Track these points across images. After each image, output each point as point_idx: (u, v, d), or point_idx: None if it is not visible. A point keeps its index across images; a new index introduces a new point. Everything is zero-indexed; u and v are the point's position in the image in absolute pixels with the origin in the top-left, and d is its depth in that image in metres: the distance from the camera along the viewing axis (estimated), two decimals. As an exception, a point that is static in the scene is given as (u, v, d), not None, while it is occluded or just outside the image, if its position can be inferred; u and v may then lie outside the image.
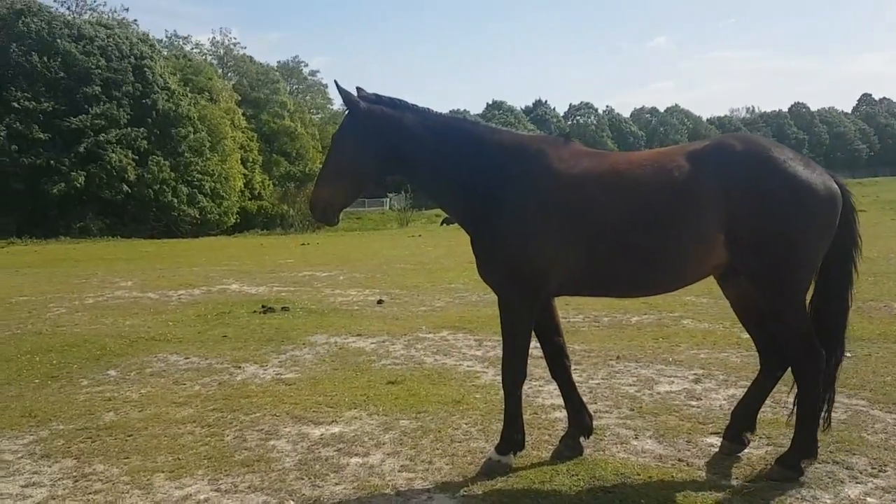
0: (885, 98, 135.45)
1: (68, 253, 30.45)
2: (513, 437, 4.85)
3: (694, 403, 6.23)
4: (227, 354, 8.76)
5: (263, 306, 12.08)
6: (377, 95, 4.88)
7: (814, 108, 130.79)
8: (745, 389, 6.56)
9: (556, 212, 4.52)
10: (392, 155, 4.81)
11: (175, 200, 50.00)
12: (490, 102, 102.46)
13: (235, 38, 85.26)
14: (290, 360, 8.44)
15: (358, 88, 4.87)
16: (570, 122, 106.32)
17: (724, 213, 4.35)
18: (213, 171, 53.30)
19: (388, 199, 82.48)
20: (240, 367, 8.10)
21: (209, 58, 70.59)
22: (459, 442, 5.41)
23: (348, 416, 6.14)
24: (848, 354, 7.65)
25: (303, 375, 7.65)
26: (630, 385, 6.86)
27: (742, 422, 5.02)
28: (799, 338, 4.48)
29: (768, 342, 4.95)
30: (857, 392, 6.35)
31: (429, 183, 4.97)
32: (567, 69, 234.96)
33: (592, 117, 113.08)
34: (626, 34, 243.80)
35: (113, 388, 7.37)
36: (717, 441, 5.24)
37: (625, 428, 5.62)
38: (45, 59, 46.37)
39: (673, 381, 6.95)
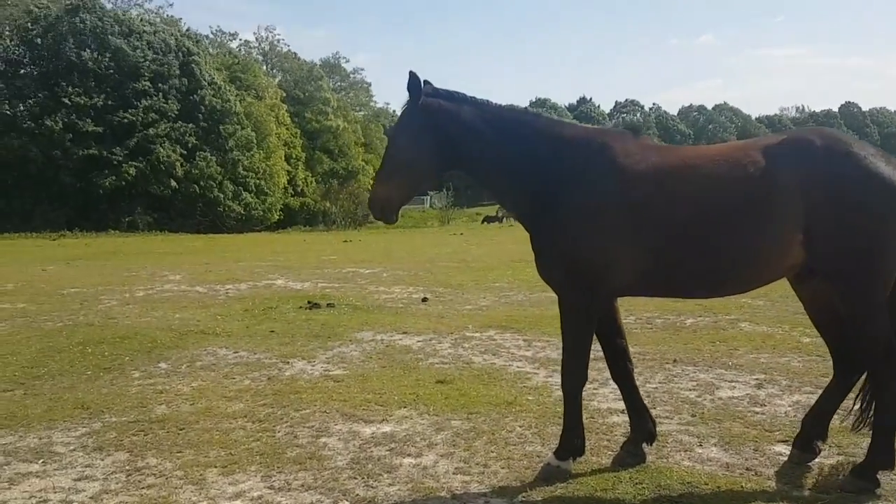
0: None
1: (118, 246, 31.04)
2: (572, 441, 4.68)
3: (758, 410, 5.99)
4: (275, 349, 8.74)
5: (309, 302, 12.07)
6: (434, 88, 4.74)
7: (865, 107, 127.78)
8: (811, 395, 6.36)
9: (620, 208, 4.33)
10: (450, 150, 4.67)
11: (221, 196, 50.70)
12: (534, 99, 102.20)
13: (279, 35, 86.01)
14: (338, 356, 8.38)
15: (425, 82, 4.71)
16: (615, 120, 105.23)
17: (802, 211, 4.14)
18: (257, 167, 53.93)
19: (429, 198, 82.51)
20: (288, 363, 8.06)
21: (254, 53, 71.43)
22: (514, 445, 5.26)
23: (399, 415, 6.04)
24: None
25: (351, 372, 7.58)
26: (689, 390, 6.63)
27: (813, 429, 4.79)
28: (879, 342, 4.24)
29: (844, 346, 4.70)
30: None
31: (488, 178, 4.81)
32: (612, 66, 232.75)
33: (639, 115, 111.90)
34: (673, 31, 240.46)
35: (164, 381, 7.37)
36: (785, 449, 5.01)
37: (687, 434, 5.41)
38: (97, 54, 47.36)
39: (734, 387, 6.70)
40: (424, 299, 12.70)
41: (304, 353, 8.54)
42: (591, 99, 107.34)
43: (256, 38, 74.06)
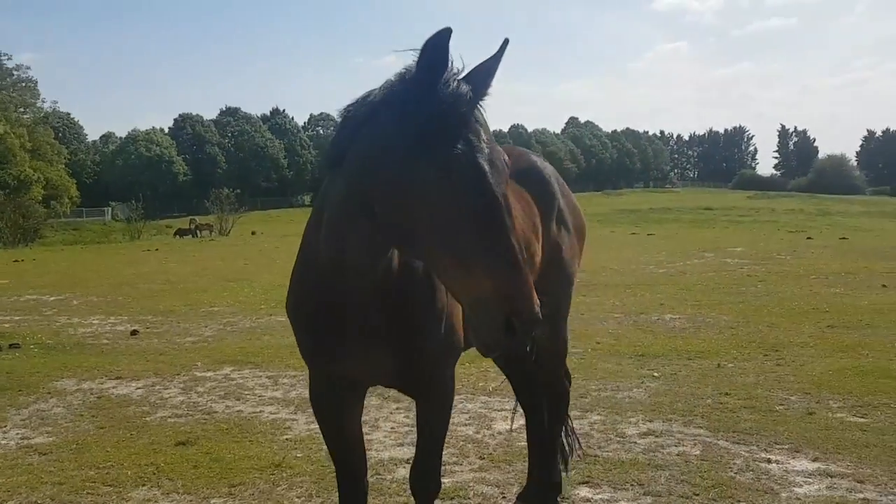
0: (589, 121, 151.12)
1: None
2: None
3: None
4: (-57, 414, 6.75)
5: (-16, 344, 9.78)
6: None
7: (530, 129, 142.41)
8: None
9: None
10: None
11: None
12: (224, 108, 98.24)
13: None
14: (37, 416, 6.69)
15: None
16: (309, 133, 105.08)
17: None
18: None
19: (111, 209, 75.42)
20: (-35, 433, 6.22)
21: None
22: (302, 525, 4.37)
23: (138, 499, 4.79)
24: (655, 374, 7.76)
25: (59, 439, 6.03)
26: (465, 424, 6.22)
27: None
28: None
29: None
30: (690, 419, 6.19)
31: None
32: (304, 80, 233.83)
33: (332, 128, 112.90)
34: (364, 50, 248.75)
35: None
36: (588, 492, 4.75)
37: (486, 484, 4.91)
38: None
39: (507, 417, 6.39)
40: (134, 332, 10.97)
41: (-13, 416, 6.69)
42: (284, 111, 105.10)
43: None
